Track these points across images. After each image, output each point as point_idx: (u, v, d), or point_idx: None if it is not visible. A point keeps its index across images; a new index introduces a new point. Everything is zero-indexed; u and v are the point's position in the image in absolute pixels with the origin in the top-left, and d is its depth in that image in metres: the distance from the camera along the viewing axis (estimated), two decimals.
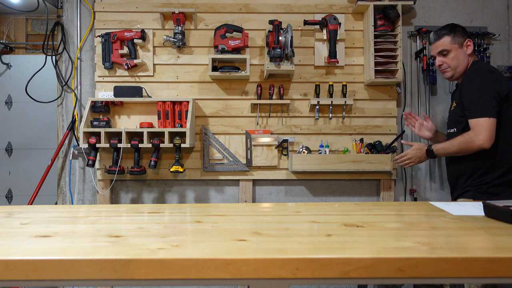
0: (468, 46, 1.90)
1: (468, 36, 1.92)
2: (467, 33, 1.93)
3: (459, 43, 1.90)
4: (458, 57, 1.90)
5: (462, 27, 1.94)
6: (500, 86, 1.72)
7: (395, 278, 0.73)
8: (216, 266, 0.73)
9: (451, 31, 1.91)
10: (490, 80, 1.73)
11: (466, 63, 1.91)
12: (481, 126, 1.67)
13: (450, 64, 1.91)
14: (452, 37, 1.90)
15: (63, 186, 2.62)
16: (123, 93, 2.44)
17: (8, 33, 3.61)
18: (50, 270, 0.73)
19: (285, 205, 1.44)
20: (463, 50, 1.90)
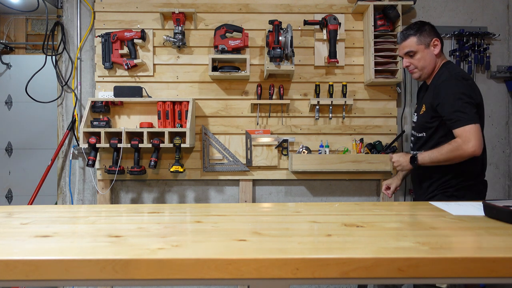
0: (435, 46, 1.83)
1: (437, 35, 1.84)
2: (435, 32, 1.85)
3: (426, 43, 1.83)
4: (425, 58, 1.84)
5: (431, 26, 1.86)
6: (475, 94, 1.71)
7: (395, 278, 0.73)
8: (216, 266, 0.73)
9: (417, 31, 1.84)
10: (467, 88, 1.70)
11: (433, 63, 1.85)
12: (469, 133, 1.63)
13: (417, 65, 1.86)
14: (418, 37, 1.84)
15: (63, 186, 2.62)
16: (123, 93, 2.44)
17: (8, 33, 3.61)
18: (50, 270, 0.73)
19: (285, 205, 1.44)
20: (430, 50, 1.84)
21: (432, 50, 1.83)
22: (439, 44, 1.83)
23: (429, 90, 1.85)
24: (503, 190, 2.71)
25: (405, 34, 1.87)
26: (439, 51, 1.84)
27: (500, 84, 2.70)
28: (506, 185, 2.71)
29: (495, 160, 2.70)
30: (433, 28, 1.86)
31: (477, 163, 1.74)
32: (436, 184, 1.80)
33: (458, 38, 2.65)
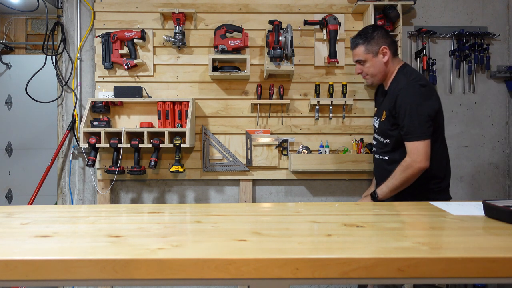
0: (384, 53, 1.81)
1: (386, 42, 1.82)
2: (385, 39, 1.82)
3: (374, 52, 1.82)
4: (374, 65, 1.84)
5: (381, 32, 1.84)
6: (432, 101, 1.72)
7: (395, 278, 0.73)
8: (216, 266, 0.73)
9: (366, 40, 1.83)
10: (424, 96, 1.70)
11: (384, 70, 1.84)
12: (417, 149, 1.68)
13: (368, 72, 1.86)
14: (366, 46, 1.82)
15: (63, 186, 2.62)
16: (123, 93, 2.44)
17: (8, 33, 3.61)
18: (50, 270, 0.73)
19: (285, 205, 1.44)
20: (379, 58, 1.82)
21: (381, 58, 1.81)
22: (388, 52, 1.81)
23: (387, 95, 1.83)
24: (503, 190, 2.71)
25: (354, 43, 1.86)
26: (389, 58, 1.81)
27: (500, 84, 2.70)
28: (506, 185, 2.71)
29: (495, 160, 2.70)
30: (383, 34, 1.83)
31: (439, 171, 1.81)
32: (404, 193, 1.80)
33: (458, 38, 2.65)
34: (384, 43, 1.81)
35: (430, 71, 2.62)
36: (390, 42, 1.84)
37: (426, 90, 1.72)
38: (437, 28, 2.63)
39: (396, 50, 1.85)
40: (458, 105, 2.69)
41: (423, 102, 1.69)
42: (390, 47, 1.82)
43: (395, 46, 1.83)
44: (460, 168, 2.69)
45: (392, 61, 1.83)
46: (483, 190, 2.70)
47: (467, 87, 2.69)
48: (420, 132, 1.67)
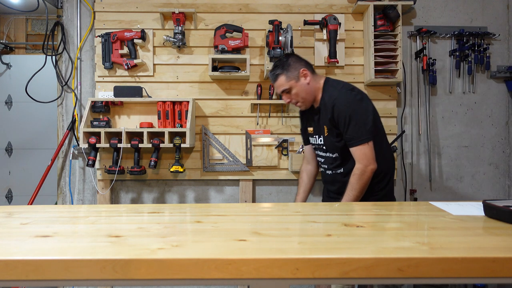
0: (305, 76, 1.82)
1: (303, 64, 1.83)
2: (300, 61, 1.84)
3: (295, 77, 1.82)
4: (300, 89, 1.83)
5: (295, 57, 1.85)
6: (365, 103, 1.78)
7: (395, 278, 0.73)
8: (216, 266, 0.73)
9: (283, 69, 1.82)
10: (357, 101, 1.75)
11: (312, 91, 1.84)
12: (365, 154, 1.72)
13: (297, 99, 1.86)
14: (286, 75, 1.82)
15: (63, 186, 2.62)
16: (123, 93, 2.44)
17: (8, 33, 3.61)
18: (50, 270, 0.73)
19: (285, 205, 1.44)
20: (302, 81, 1.82)
21: (303, 80, 1.82)
22: (308, 73, 1.82)
23: (322, 110, 1.83)
24: (503, 190, 2.71)
25: (274, 75, 1.85)
26: (310, 78, 1.83)
27: (500, 84, 2.70)
28: (506, 185, 2.71)
29: (495, 160, 2.70)
30: (297, 59, 1.85)
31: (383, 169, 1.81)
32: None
33: (458, 38, 2.65)
34: (301, 66, 1.83)
35: (430, 71, 2.62)
36: (305, 63, 1.86)
37: (358, 94, 1.78)
38: (437, 28, 2.63)
39: (313, 69, 1.89)
40: (458, 105, 2.69)
41: (360, 106, 1.74)
42: (307, 68, 1.84)
43: (311, 66, 1.88)
44: (460, 168, 2.69)
45: (314, 80, 1.85)
46: (483, 190, 2.70)
47: (467, 87, 2.69)
48: (363, 136, 1.71)
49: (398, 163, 2.65)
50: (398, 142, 2.62)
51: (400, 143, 2.65)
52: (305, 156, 2.15)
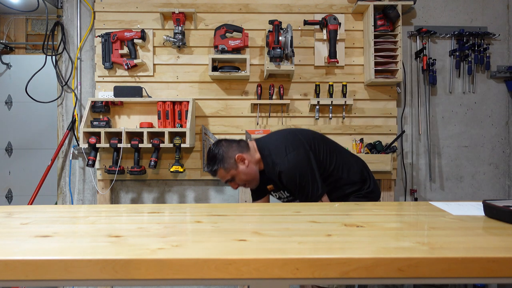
0: (242, 160, 1.72)
1: (235, 149, 1.73)
2: (231, 147, 1.73)
3: (233, 166, 1.72)
4: (243, 174, 1.74)
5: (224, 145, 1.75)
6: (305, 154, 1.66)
7: (395, 278, 0.73)
8: (216, 266, 0.73)
9: (219, 163, 1.72)
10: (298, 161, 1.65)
11: (254, 170, 1.75)
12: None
13: (243, 183, 1.79)
14: (223, 167, 1.73)
15: (63, 186, 2.62)
16: (123, 93, 2.44)
17: (8, 33, 3.61)
18: (50, 270, 0.73)
19: (285, 205, 1.44)
20: (240, 167, 1.73)
21: (242, 165, 1.73)
22: (243, 156, 1.72)
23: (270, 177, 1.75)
24: (503, 190, 2.71)
25: (212, 171, 1.76)
26: (248, 159, 1.73)
27: (500, 84, 2.70)
28: (506, 185, 2.71)
29: (495, 160, 2.70)
30: (228, 145, 1.75)
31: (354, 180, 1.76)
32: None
33: (458, 38, 2.66)
34: (234, 152, 1.73)
35: (430, 71, 2.62)
36: (237, 147, 1.75)
37: (294, 155, 1.66)
38: (437, 28, 2.63)
39: (246, 144, 1.78)
40: (458, 105, 2.69)
41: (302, 165, 1.65)
42: (242, 151, 1.74)
43: (243, 145, 1.77)
44: (460, 168, 2.70)
45: (251, 157, 1.75)
46: (483, 190, 2.70)
47: (467, 87, 2.69)
48: (318, 193, 1.65)
49: (398, 163, 2.65)
50: (398, 142, 2.62)
51: (400, 143, 2.65)
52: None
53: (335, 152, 1.78)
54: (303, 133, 1.79)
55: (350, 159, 1.82)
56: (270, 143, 1.77)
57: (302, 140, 1.71)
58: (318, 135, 1.82)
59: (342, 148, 1.86)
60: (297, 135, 1.74)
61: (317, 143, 1.74)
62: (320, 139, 1.79)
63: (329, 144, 1.79)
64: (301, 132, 1.79)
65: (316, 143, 1.74)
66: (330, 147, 1.78)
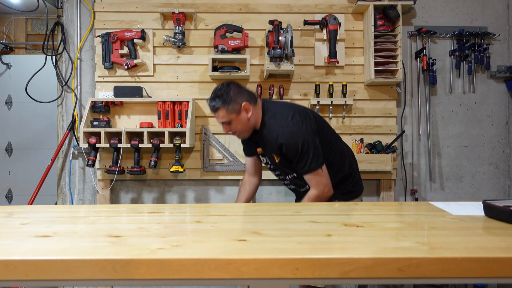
0: (247, 110, 1.70)
1: (245, 97, 1.70)
2: (242, 93, 1.71)
3: (236, 111, 1.70)
4: (241, 123, 1.73)
5: (236, 88, 1.72)
6: (308, 124, 1.67)
7: (395, 278, 0.73)
8: (216, 266, 0.73)
9: (224, 102, 1.68)
10: (303, 129, 1.64)
11: (252, 124, 1.74)
12: (320, 181, 1.67)
13: (236, 131, 1.76)
14: (227, 108, 1.69)
15: (63, 186, 2.62)
16: (123, 93, 2.44)
17: (8, 33, 3.61)
18: (50, 270, 0.73)
19: (285, 205, 1.44)
20: (243, 115, 1.71)
21: (245, 114, 1.71)
22: (249, 107, 1.70)
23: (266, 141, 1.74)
24: (503, 190, 2.71)
25: (214, 107, 1.72)
26: (252, 112, 1.72)
27: (500, 84, 2.70)
28: (506, 185, 2.71)
29: (495, 160, 2.70)
30: (239, 90, 1.72)
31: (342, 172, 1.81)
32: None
33: (458, 38, 2.66)
34: (243, 99, 1.70)
35: (430, 71, 2.62)
36: (247, 95, 1.73)
37: (299, 122, 1.66)
38: (437, 28, 2.63)
39: (254, 97, 1.76)
40: (458, 105, 2.69)
41: (305, 134, 1.64)
42: (250, 101, 1.72)
43: (252, 96, 1.75)
44: (460, 168, 2.70)
45: (255, 111, 1.74)
46: (483, 190, 2.70)
47: (467, 87, 2.69)
48: (316, 164, 1.64)
49: (398, 163, 2.65)
50: (398, 142, 2.62)
51: (400, 143, 2.65)
52: (247, 168, 2.02)
53: (334, 136, 1.86)
54: (311, 110, 1.84)
55: (345, 149, 1.89)
56: (277, 107, 1.76)
57: (310, 113, 1.75)
58: (322, 118, 1.90)
59: (339, 137, 1.92)
60: (306, 109, 1.79)
61: (322, 122, 1.82)
62: (324, 120, 1.87)
63: (330, 129, 1.87)
64: (309, 109, 1.84)
65: (322, 122, 1.81)
66: (331, 131, 1.86)
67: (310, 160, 1.64)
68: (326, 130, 1.81)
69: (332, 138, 1.81)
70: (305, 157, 1.64)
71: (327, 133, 1.80)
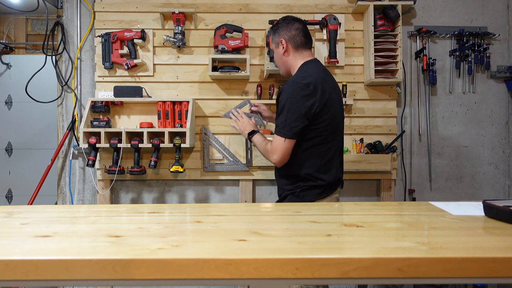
0: (282, 46, 1.77)
1: (287, 35, 1.75)
2: (285, 31, 1.76)
3: (276, 43, 1.80)
4: (277, 57, 1.83)
5: (285, 24, 1.77)
6: (313, 102, 1.62)
7: (395, 278, 0.73)
8: (216, 266, 0.73)
9: (272, 30, 1.82)
10: (303, 96, 1.61)
11: (285, 63, 1.80)
12: (276, 145, 1.67)
13: (276, 61, 1.86)
14: (272, 36, 1.81)
15: (63, 186, 2.62)
16: (123, 93, 2.44)
17: (8, 33, 3.61)
18: (50, 270, 0.73)
19: (285, 205, 1.44)
20: (279, 50, 1.79)
21: (281, 50, 1.78)
22: (285, 45, 1.76)
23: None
24: (503, 190, 2.71)
25: (269, 32, 1.88)
26: (286, 52, 1.77)
27: (500, 84, 2.70)
28: (506, 185, 2.71)
29: (495, 160, 2.70)
30: (287, 27, 1.76)
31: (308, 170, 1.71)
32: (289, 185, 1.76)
33: (458, 38, 2.66)
34: (283, 36, 1.76)
35: (430, 71, 2.62)
36: (291, 35, 1.75)
37: (307, 89, 1.62)
38: (437, 28, 2.63)
39: (301, 43, 1.76)
40: (458, 105, 2.69)
41: (299, 100, 1.62)
42: (290, 41, 1.75)
43: (297, 40, 1.75)
44: (460, 168, 2.70)
45: (293, 56, 1.77)
46: (483, 190, 2.70)
47: (467, 87, 2.69)
48: (285, 130, 1.64)
49: (398, 163, 2.65)
50: (398, 142, 2.62)
51: (400, 143, 2.65)
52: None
53: (330, 138, 1.71)
54: (336, 93, 1.75)
55: (333, 155, 1.73)
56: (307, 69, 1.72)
57: (319, 93, 1.63)
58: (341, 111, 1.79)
59: (340, 143, 1.80)
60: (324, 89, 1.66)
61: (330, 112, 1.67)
62: (341, 113, 1.78)
63: (333, 127, 1.72)
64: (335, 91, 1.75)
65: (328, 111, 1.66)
66: (332, 131, 1.71)
67: (283, 125, 1.63)
68: (327, 122, 1.68)
69: (324, 134, 1.69)
70: (282, 116, 1.64)
71: (324, 125, 1.68)
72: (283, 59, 1.80)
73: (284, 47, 1.76)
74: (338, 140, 1.77)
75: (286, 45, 1.76)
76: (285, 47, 1.76)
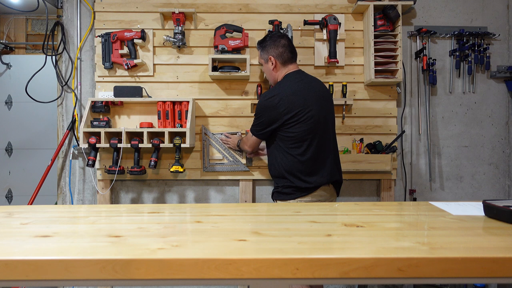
0: (268, 62, 1.98)
1: (275, 52, 1.94)
2: (275, 48, 1.94)
3: (265, 59, 1.99)
4: (266, 71, 2.03)
5: (272, 40, 1.96)
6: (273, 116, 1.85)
7: (395, 278, 0.73)
8: (216, 266, 0.73)
9: (260, 47, 2.01)
10: (261, 108, 1.90)
11: (274, 77, 2.00)
12: (248, 139, 2.12)
13: (265, 73, 2.08)
14: (261, 52, 2.01)
15: (63, 186, 2.62)
16: (123, 93, 2.44)
17: (8, 33, 3.61)
18: (50, 270, 0.73)
19: (285, 205, 1.44)
20: (268, 65, 1.98)
21: (270, 65, 1.98)
22: (274, 62, 1.96)
23: None
24: (503, 190, 2.71)
25: (257, 47, 2.06)
26: (273, 68, 1.97)
27: (500, 84, 2.70)
28: (506, 185, 2.71)
29: (495, 160, 2.70)
30: (274, 44, 1.95)
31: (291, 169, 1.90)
32: (275, 184, 2.01)
33: (458, 38, 2.65)
34: (272, 53, 1.96)
35: (430, 71, 2.62)
36: (278, 53, 1.94)
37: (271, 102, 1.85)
38: (437, 28, 2.63)
39: (287, 59, 1.95)
40: (458, 105, 2.69)
41: (262, 110, 1.89)
42: (278, 58, 1.95)
43: (284, 56, 1.95)
44: (460, 168, 2.70)
45: (281, 71, 1.97)
46: (483, 190, 2.70)
47: (467, 87, 2.69)
48: (252, 129, 2.00)
49: (398, 163, 2.65)
50: (398, 142, 2.62)
51: (400, 143, 2.65)
52: None
53: (308, 140, 1.86)
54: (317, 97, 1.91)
55: (312, 156, 1.88)
56: (283, 82, 1.94)
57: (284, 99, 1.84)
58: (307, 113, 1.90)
59: (324, 145, 1.93)
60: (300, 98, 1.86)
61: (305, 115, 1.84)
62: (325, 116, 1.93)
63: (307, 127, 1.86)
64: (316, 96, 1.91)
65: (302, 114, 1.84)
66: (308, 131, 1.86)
67: (254, 124, 1.97)
68: (299, 127, 1.85)
69: (297, 137, 1.86)
70: (254, 119, 1.97)
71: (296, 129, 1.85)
72: (272, 73, 2.00)
73: (273, 64, 1.96)
74: (318, 142, 1.90)
75: (275, 62, 1.96)
76: (274, 64, 1.96)
